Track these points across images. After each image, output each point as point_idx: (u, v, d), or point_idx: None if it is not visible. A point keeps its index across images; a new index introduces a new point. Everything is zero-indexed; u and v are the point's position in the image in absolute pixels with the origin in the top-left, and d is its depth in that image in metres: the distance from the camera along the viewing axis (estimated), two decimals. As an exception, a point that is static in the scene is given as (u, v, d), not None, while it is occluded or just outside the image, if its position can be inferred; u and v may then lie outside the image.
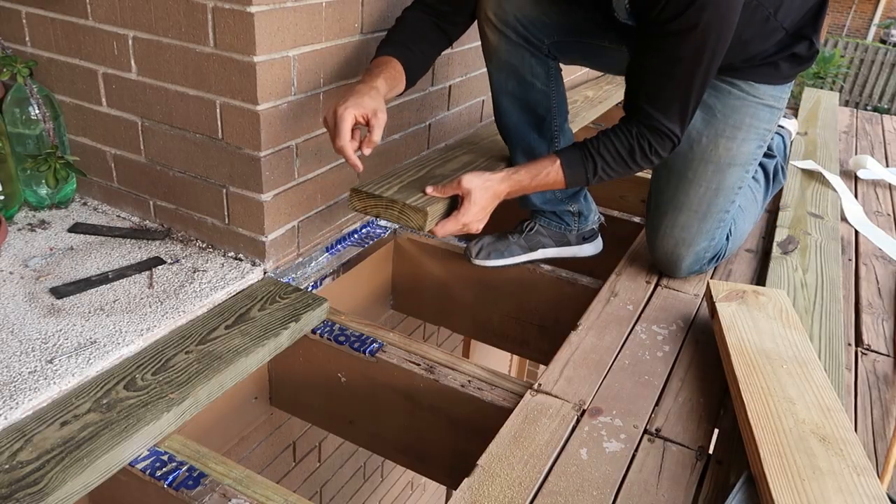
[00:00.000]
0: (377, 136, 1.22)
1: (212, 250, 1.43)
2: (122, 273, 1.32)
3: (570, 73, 1.60)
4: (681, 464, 1.08)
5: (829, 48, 10.77)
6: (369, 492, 2.50)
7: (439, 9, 1.43)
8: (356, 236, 1.67)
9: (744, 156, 1.48)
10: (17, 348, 1.10)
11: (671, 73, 1.25)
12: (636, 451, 1.09)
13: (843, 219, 2.02)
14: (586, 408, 1.17)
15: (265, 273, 1.41)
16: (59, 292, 1.24)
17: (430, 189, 1.38)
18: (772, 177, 1.81)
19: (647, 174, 1.63)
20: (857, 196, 2.24)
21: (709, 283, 1.44)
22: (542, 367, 1.52)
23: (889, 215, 2.13)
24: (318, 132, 1.42)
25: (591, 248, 1.75)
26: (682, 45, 1.22)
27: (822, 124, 2.79)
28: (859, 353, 1.42)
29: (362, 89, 1.23)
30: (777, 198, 2.02)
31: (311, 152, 1.42)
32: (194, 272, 1.35)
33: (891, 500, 0.95)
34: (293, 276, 1.46)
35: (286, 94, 1.30)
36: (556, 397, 1.19)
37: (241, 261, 1.41)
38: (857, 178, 2.38)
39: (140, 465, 1.01)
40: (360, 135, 1.24)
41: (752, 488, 0.99)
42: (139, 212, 1.52)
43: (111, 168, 1.50)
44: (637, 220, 2.01)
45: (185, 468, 1.02)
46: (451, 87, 1.87)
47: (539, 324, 1.72)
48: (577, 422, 1.14)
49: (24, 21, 1.43)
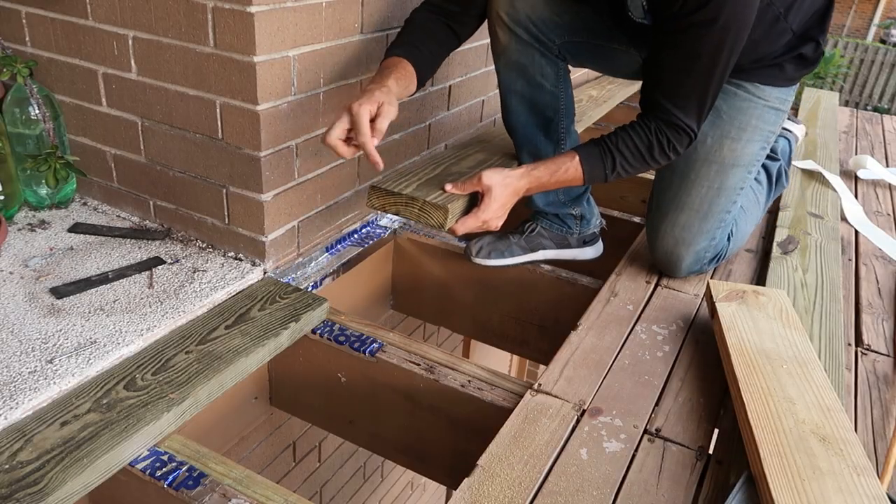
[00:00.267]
0: (381, 123, 1.21)
1: (212, 250, 1.43)
2: (122, 273, 1.32)
3: (573, 73, 1.60)
4: (681, 464, 1.08)
5: (829, 48, 10.76)
6: (369, 492, 2.50)
7: (448, 9, 1.43)
8: (356, 236, 1.67)
9: (747, 157, 1.48)
10: (17, 348, 1.10)
11: (690, 69, 1.25)
12: (636, 451, 1.09)
13: (843, 219, 2.02)
14: (586, 408, 1.17)
15: (265, 273, 1.41)
16: (59, 292, 1.24)
17: (449, 186, 1.37)
18: (775, 179, 1.80)
19: (649, 174, 1.63)
20: (857, 196, 2.24)
21: (709, 283, 1.44)
22: (542, 367, 1.52)
23: (889, 215, 2.13)
24: (318, 132, 1.42)
25: (592, 252, 1.75)
26: (701, 40, 1.21)
27: (822, 124, 2.79)
28: (859, 353, 1.42)
29: (373, 88, 1.23)
30: (777, 198, 2.02)
31: (311, 152, 1.42)
32: (194, 272, 1.35)
33: (891, 500, 0.95)
34: (293, 276, 1.46)
35: (286, 94, 1.30)
36: (556, 397, 1.19)
37: (241, 261, 1.41)
38: (857, 178, 2.38)
39: (140, 465, 1.01)
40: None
41: (752, 488, 0.99)
42: (139, 212, 1.52)
43: (111, 168, 1.50)
44: (637, 220, 2.01)
45: (185, 468, 1.02)
46: (451, 87, 1.87)
47: (539, 324, 1.72)
48: (577, 422, 1.14)
49: (24, 21, 1.43)
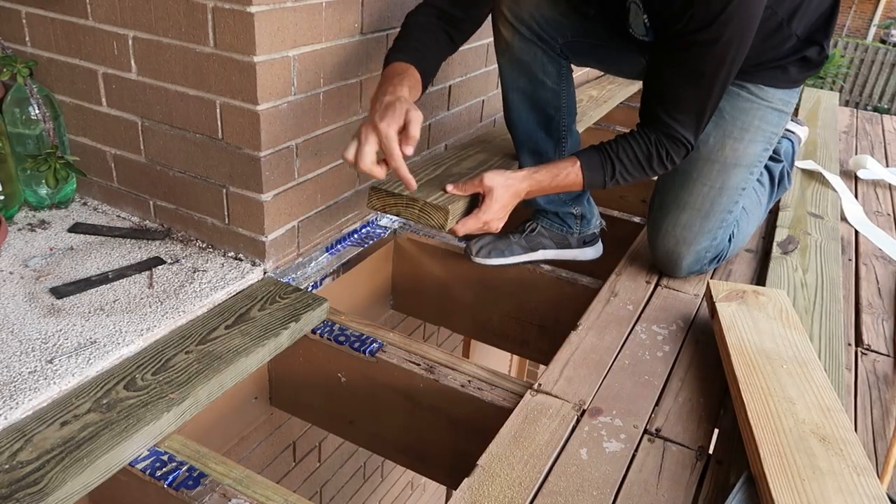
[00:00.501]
0: (415, 132, 1.17)
1: (212, 250, 1.43)
2: (122, 273, 1.32)
3: (573, 73, 1.60)
4: (681, 464, 1.08)
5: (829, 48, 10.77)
6: (369, 492, 2.50)
7: (450, 13, 1.41)
8: (356, 236, 1.67)
9: (749, 157, 1.48)
10: (17, 348, 1.10)
11: (691, 85, 1.26)
12: (636, 451, 1.09)
13: (843, 219, 2.02)
14: (586, 408, 1.17)
15: (265, 273, 1.41)
16: (59, 292, 1.24)
17: (450, 187, 1.36)
18: (777, 181, 1.81)
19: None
20: (857, 196, 2.24)
21: (709, 283, 1.44)
22: (542, 367, 1.52)
23: (889, 215, 2.13)
24: (318, 132, 1.42)
25: (592, 252, 1.75)
26: (704, 57, 1.22)
27: (822, 124, 2.79)
28: (859, 353, 1.42)
29: (392, 101, 1.19)
30: (778, 199, 2.02)
31: (311, 152, 1.42)
32: (194, 272, 1.35)
33: (891, 500, 0.95)
34: (293, 276, 1.46)
35: (286, 94, 1.30)
36: (556, 397, 1.19)
37: (241, 261, 1.41)
38: (857, 178, 2.38)
39: (140, 465, 1.01)
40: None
41: (752, 488, 0.99)
42: (139, 212, 1.52)
43: (111, 168, 1.50)
44: (637, 220, 2.01)
45: (185, 468, 1.02)
46: (450, 87, 1.87)
47: (539, 324, 1.72)
48: (577, 422, 1.14)
49: (24, 21, 1.43)
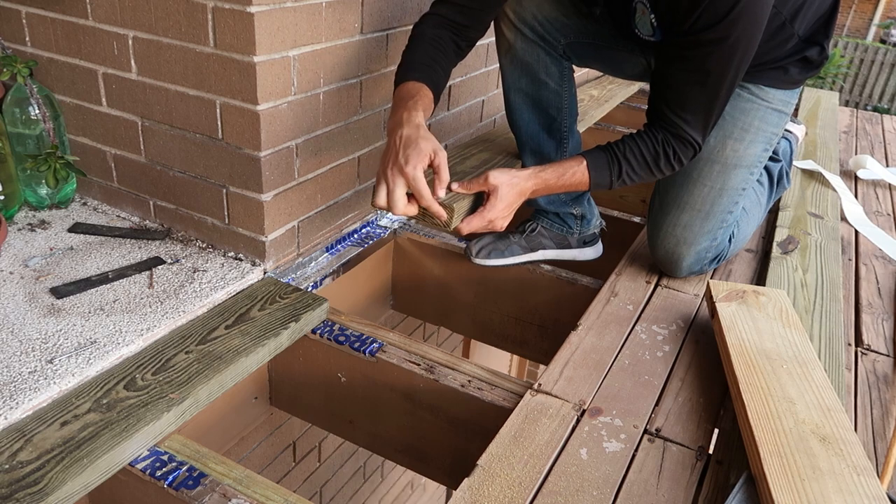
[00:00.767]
0: (445, 174, 1.20)
1: (212, 250, 1.43)
2: (122, 273, 1.32)
3: (574, 72, 1.60)
4: (681, 464, 1.08)
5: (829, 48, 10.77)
6: (369, 492, 2.50)
7: (457, 22, 1.39)
8: (356, 236, 1.67)
9: (750, 158, 1.48)
10: (17, 348, 1.10)
11: (698, 84, 1.26)
12: (636, 451, 1.09)
13: (843, 219, 2.02)
14: (586, 408, 1.17)
15: (265, 273, 1.41)
16: (59, 292, 1.24)
17: (455, 185, 1.35)
18: (776, 181, 1.81)
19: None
20: (857, 196, 2.24)
21: (709, 283, 1.44)
22: (542, 367, 1.52)
23: (889, 215, 2.13)
24: (318, 132, 1.42)
25: (592, 253, 1.75)
26: (711, 57, 1.22)
27: (822, 124, 2.79)
28: (859, 353, 1.42)
29: (412, 134, 1.19)
30: (778, 199, 2.02)
31: (311, 152, 1.42)
32: (194, 272, 1.35)
33: (891, 500, 0.95)
34: (293, 276, 1.46)
35: (286, 94, 1.30)
36: (556, 397, 1.19)
37: (241, 261, 1.41)
38: (857, 178, 2.38)
39: (140, 465, 1.01)
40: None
41: (752, 488, 0.99)
42: (139, 212, 1.52)
43: (111, 168, 1.50)
44: (637, 220, 2.01)
45: (185, 468, 1.02)
46: (451, 87, 1.87)
47: (539, 324, 1.72)
48: (577, 422, 1.14)
49: (24, 21, 1.43)
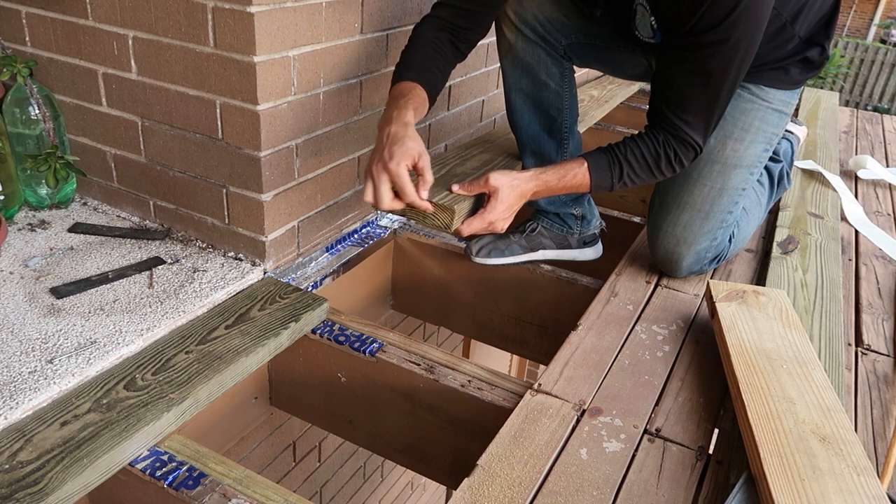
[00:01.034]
0: (430, 175, 1.22)
1: (212, 250, 1.43)
2: (122, 273, 1.32)
3: (575, 73, 1.61)
4: (681, 464, 1.08)
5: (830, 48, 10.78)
6: (369, 492, 2.50)
7: (456, 24, 1.39)
8: (356, 236, 1.67)
9: (750, 158, 1.48)
10: (17, 348, 1.10)
11: (699, 86, 1.26)
12: (636, 451, 1.09)
13: (843, 219, 2.02)
14: (586, 408, 1.17)
15: (265, 273, 1.41)
16: (59, 292, 1.24)
17: (455, 187, 1.36)
18: (776, 181, 1.81)
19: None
20: (857, 196, 2.24)
21: (709, 283, 1.44)
22: (542, 367, 1.52)
23: (889, 215, 2.13)
24: (318, 132, 1.42)
25: (592, 253, 1.75)
26: (712, 58, 1.22)
27: (822, 124, 2.79)
28: (859, 353, 1.42)
29: (400, 132, 1.20)
30: (778, 199, 2.02)
31: (311, 152, 1.42)
32: (194, 272, 1.35)
33: (891, 500, 0.95)
34: (293, 276, 1.46)
35: (286, 94, 1.30)
36: (556, 397, 1.19)
37: (241, 261, 1.41)
38: (857, 178, 2.38)
39: (140, 465, 1.01)
40: None
41: (752, 488, 0.99)
42: (139, 212, 1.52)
43: (111, 168, 1.50)
44: (637, 220, 2.01)
45: (185, 468, 1.02)
46: (450, 87, 1.87)
47: (539, 324, 1.72)
48: (577, 422, 1.14)
49: (24, 21, 1.43)
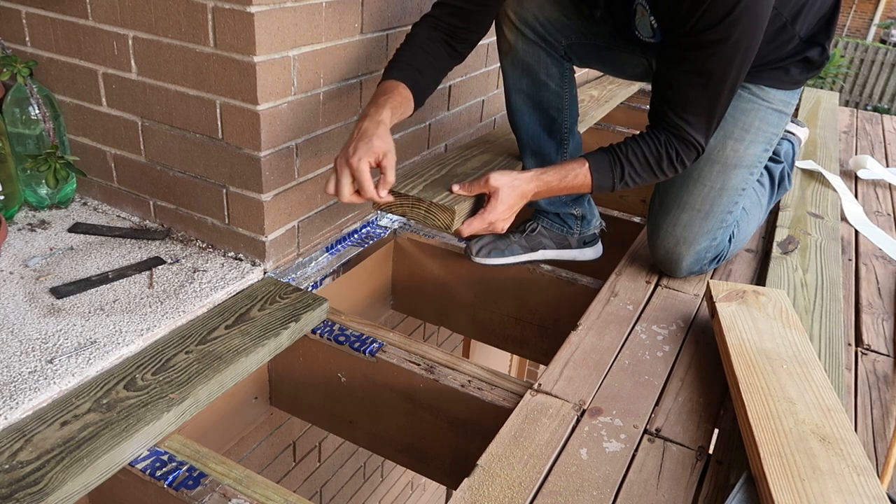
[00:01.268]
0: (391, 176, 1.22)
1: (212, 250, 1.43)
2: (122, 273, 1.32)
3: (575, 73, 1.61)
4: (681, 464, 1.08)
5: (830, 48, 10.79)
6: (369, 492, 2.50)
7: (451, 24, 1.39)
8: (356, 236, 1.67)
9: (750, 158, 1.48)
10: (17, 348, 1.10)
11: (700, 86, 1.26)
12: (636, 451, 1.09)
13: (843, 219, 2.02)
14: (586, 408, 1.17)
15: (265, 273, 1.41)
16: (59, 292, 1.24)
17: (456, 187, 1.36)
18: (777, 182, 1.81)
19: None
20: (857, 196, 2.24)
21: (709, 283, 1.44)
22: (542, 367, 1.52)
23: (889, 215, 2.13)
24: (318, 132, 1.42)
25: (592, 253, 1.75)
26: (712, 58, 1.22)
27: (822, 124, 2.79)
28: (859, 353, 1.42)
29: (370, 129, 1.20)
30: (778, 200, 2.02)
31: (311, 152, 1.42)
32: (194, 272, 1.35)
33: (891, 500, 0.95)
34: (293, 276, 1.46)
35: (286, 94, 1.30)
36: (556, 397, 1.19)
37: (241, 261, 1.41)
38: (857, 178, 2.38)
39: (140, 465, 1.01)
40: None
41: (752, 488, 0.99)
42: (139, 212, 1.52)
43: (111, 168, 1.50)
44: (637, 220, 2.01)
45: (185, 468, 1.02)
46: (451, 87, 1.87)
47: (539, 324, 1.72)
48: (577, 422, 1.14)
49: (24, 21, 1.43)
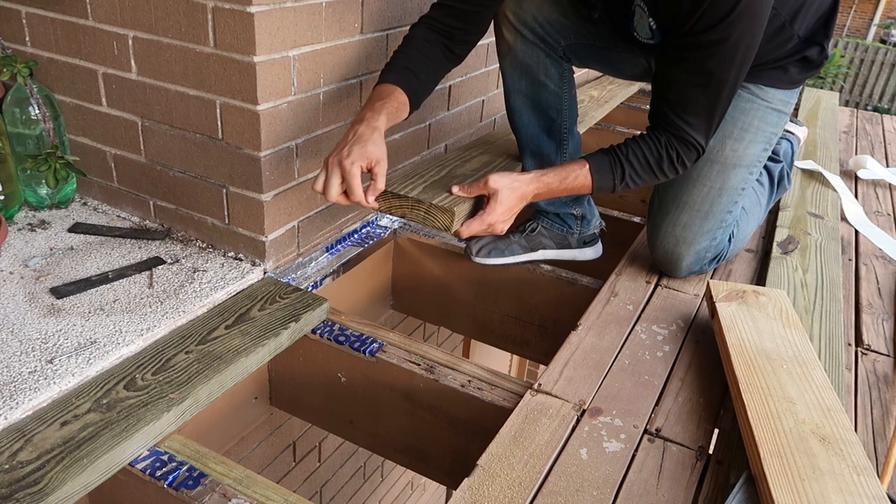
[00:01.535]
0: (381, 183, 1.22)
1: (212, 250, 1.43)
2: (122, 273, 1.32)
3: (574, 73, 1.61)
4: (681, 464, 1.08)
5: (829, 48, 10.79)
6: (369, 492, 2.50)
7: (449, 25, 1.38)
8: (356, 236, 1.67)
9: (749, 157, 1.48)
10: (17, 348, 1.10)
11: (700, 86, 1.26)
12: (636, 451, 1.09)
13: (843, 219, 2.02)
14: (586, 408, 1.17)
15: (265, 273, 1.41)
16: (59, 292, 1.24)
17: (455, 189, 1.36)
18: (776, 181, 1.81)
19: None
20: (857, 196, 2.24)
21: (709, 283, 1.44)
22: (542, 367, 1.52)
23: (889, 215, 2.13)
24: (318, 132, 1.42)
25: (592, 253, 1.75)
26: (712, 58, 1.22)
27: (822, 124, 2.79)
28: (859, 353, 1.42)
29: (365, 134, 1.21)
30: (778, 199, 2.02)
31: (311, 152, 1.42)
32: (194, 272, 1.35)
33: (891, 500, 0.95)
34: (293, 276, 1.46)
35: (286, 94, 1.30)
36: (556, 397, 1.19)
37: (241, 261, 1.41)
38: (857, 178, 2.38)
39: (140, 465, 1.01)
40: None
41: (752, 488, 0.99)
42: (139, 212, 1.52)
43: (111, 168, 1.50)
44: (637, 220, 2.01)
45: (185, 468, 1.02)
46: (451, 87, 1.87)
47: (539, 324, 1.72)
48: (577, 422, 1.14)
49: (24, 21, 1.43)
